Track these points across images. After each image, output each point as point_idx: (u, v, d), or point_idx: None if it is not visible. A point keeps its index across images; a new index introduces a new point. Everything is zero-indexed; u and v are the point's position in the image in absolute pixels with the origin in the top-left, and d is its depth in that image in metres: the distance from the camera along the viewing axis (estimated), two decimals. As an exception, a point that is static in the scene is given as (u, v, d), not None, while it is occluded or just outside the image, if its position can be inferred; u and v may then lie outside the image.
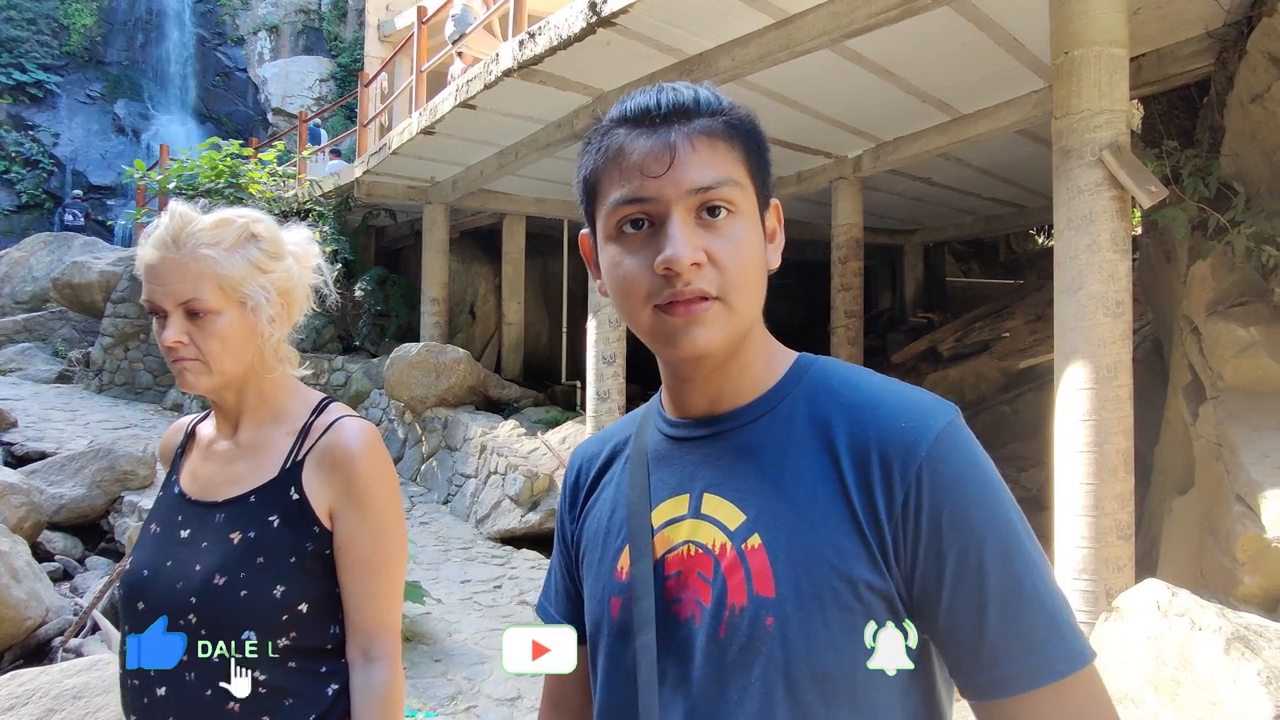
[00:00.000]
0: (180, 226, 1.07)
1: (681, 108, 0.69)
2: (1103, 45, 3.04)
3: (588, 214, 0.75)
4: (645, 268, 0.67)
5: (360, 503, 1.07)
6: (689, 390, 0.74)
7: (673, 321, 0.67)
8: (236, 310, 1.09)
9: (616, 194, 0.69)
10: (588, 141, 0.74)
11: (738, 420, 0.72)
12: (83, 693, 3.09)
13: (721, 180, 0.67)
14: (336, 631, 1.09)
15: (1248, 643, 1.97)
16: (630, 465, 0.78)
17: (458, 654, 3.81)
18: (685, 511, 0.72)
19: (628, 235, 0.69)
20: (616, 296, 0.71)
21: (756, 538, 0.66)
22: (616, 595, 0.74)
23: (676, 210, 0.66)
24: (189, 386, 1.08)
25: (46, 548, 5.13)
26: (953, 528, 0.63)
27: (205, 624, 1.03)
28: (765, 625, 0.64)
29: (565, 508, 0.87)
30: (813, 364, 0.75)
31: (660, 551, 0.72)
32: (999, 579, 0.62)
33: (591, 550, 0.79)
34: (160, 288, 1.06)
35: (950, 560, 0.63)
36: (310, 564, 1.07)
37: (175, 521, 1.12)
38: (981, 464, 0.65)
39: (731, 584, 0.66)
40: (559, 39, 4.57)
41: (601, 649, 0.75)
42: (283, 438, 1.13)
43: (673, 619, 0.69)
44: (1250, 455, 2.96)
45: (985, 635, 0.62)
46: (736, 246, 0.67)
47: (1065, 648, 0.62)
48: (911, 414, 0.66)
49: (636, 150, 0.68)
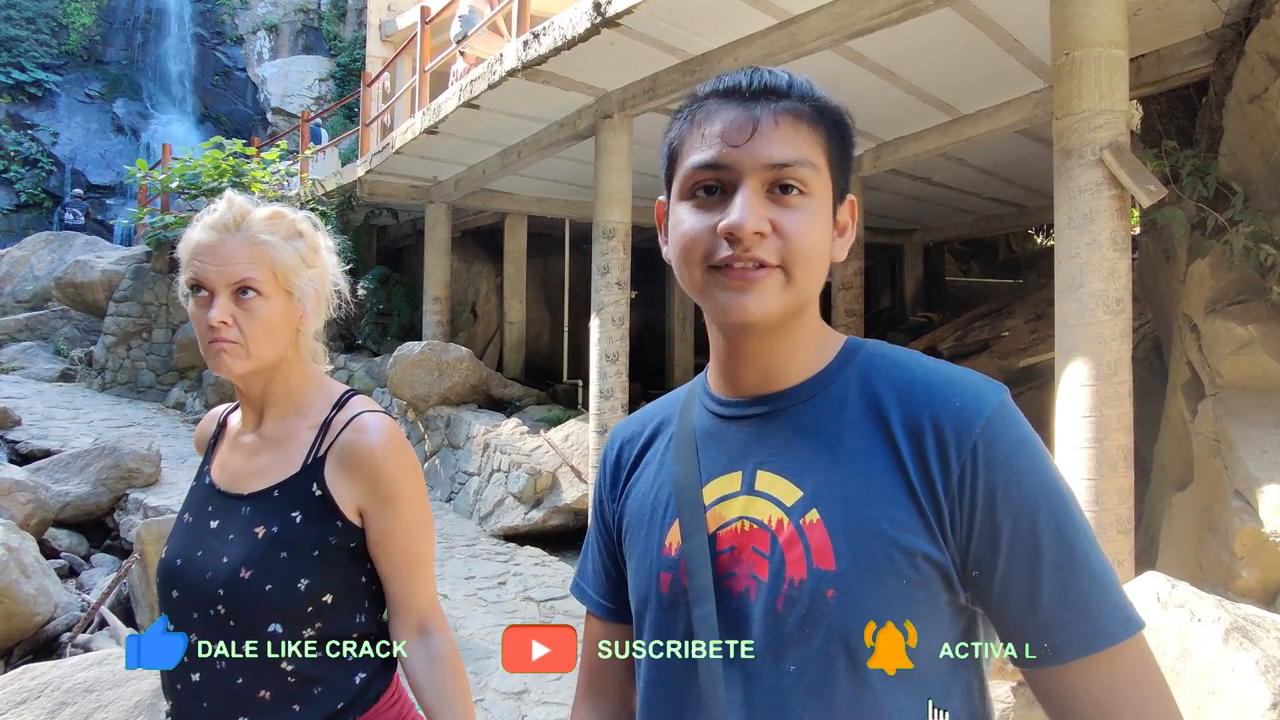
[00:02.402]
0: (242, 213, 1.11)
1: (773, 87, 0.71)
2: (1103, 47, 3.07)
3: (667, 180, 0.77)
4: (708, 228, 0.69)
5: (389, 499, 1.10)
6: (740, 365, 0.75)
7: (727, 283, 0.69)
8: (283, 299, 1.12)
9: (695, 158, 0.71)
10: (679, 111, 0.76)
11: (790, 399, 0.74)
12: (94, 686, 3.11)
13: (798, 159, 0.69)
14: (363, 620, 1.12)
15: (1246, 633, 2.01)
16: (676, 443, 0.80)
17: (463, 649, 3.83)
18: (738, 489, 0.73)
19: (699, 199, 0.71)
20: (675, 253, 0.73)
21: (815, 513, 0.68)
22: (665, 570, 0.75)
23: (749, 180, 0.68)
24: (224, 369, 1.10)
25: (53, 545, 5.15)
26: (1007, 500, 0.65)
27: (233, 615, 1.05)
28: (826, 598, 0.66)
29: (605, 487, 0.88)
30: (862, 346, 0.77)
31: (712, 527, 0.73)
32: (1052, 547, 0.64)
33: (636, 528, 0.80)
34: (216, 267, 1.08)
35: (1005, 531, 0.65)
36: (334, 556, 1.09)
37: (206, 512, 1.15)
38: (1031, 440, 0.68)
39: (790, 558, 0.68)
40: (563, 39, 4.59)
41: (649, 623, 0.76)
42: (305, 431, 1.15)
43: (725, 593, 0.71)
44: (1248, 451, 3.00)
45: (1040, 602, 0.64)
46: (802, 223, 0.69)
47: (1119, 614, 0.64)
48: (965, 393, 0.69)
49: (721, 119, 0.71)
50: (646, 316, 10.74)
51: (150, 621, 2.90)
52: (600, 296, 5.58)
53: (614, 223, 5.55)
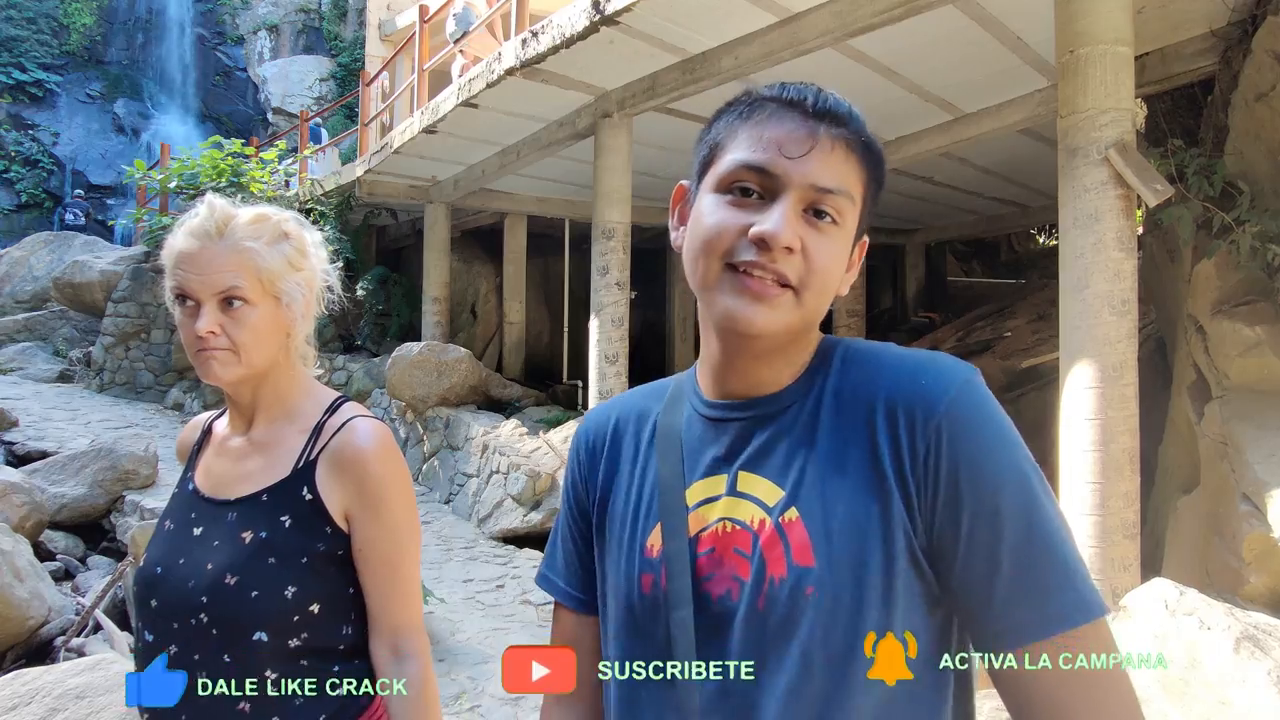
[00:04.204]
0: (224, 218, 1.08)
1: (835, 112, 0.71)
2: (1108, 44, 3.04)
3: (701, 168, 0.75)
4: (738, 228, 0.68)
5: (375, 504, 1.07)
6: (732, 372, 0.75)
7: (743, 289, 0.68)
8: (271, 304, 1.10)
9: (744, 155, 0.70)
10: (730, 103, 0.75)
11: (775, 404, 0.74)
12: (86, 692, 3.08)
13: (842, 189, 0.69)
14: (349, 632, 1.09)
15: (1257, 642, 1.97)
16: (659, 441, 0.79)
17: (461, 653, 3.80)
18: (722, 491, 0.73)
19: (735, 196, 0.70)
20: (694, 243, 0.72)
21: (794, 511, 0.68)
22: (648, 572, 0.74)
23: (792, 195, 0.68)
24: (214, 377, 1.08)
25: (48, 547, 5.12)
26: (969, 479, 0.64)
27: (216, 624, 1.02)
28: (805, 594, 0.65)
29: (580, 474, 0.86)
30: (838, 344, 0.77)
31: (694, 530, 0.73)
32: (1013, 528, 0.63)
33: (620, 527, 0.79)
34: (199, 276, 1.06)
35: (966, 511, 0.64)
36: (322, 564, 1.06)
37: (189, 519, 1.12)
38: (998, 419, 0.67)
39: (770, 557, 0.68)
40: (562, 38, 4.56)
41: (625, 625, 0.75)
42: (295, 436, 1.13)
43: (705, 596, 0.70)
44: (1256, 454, 2.95)
45: (998, 582, 0.63)
46: (828, 251, 0.69)
47: (1078, 598, 0.62)
48: (930, 373, 0.68)
49: (782, 127, 0.70)
50: (646, 317, 10.71)
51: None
52: (599, 297, 5.54)
53: (613, 223, 5.51)
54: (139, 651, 1.11)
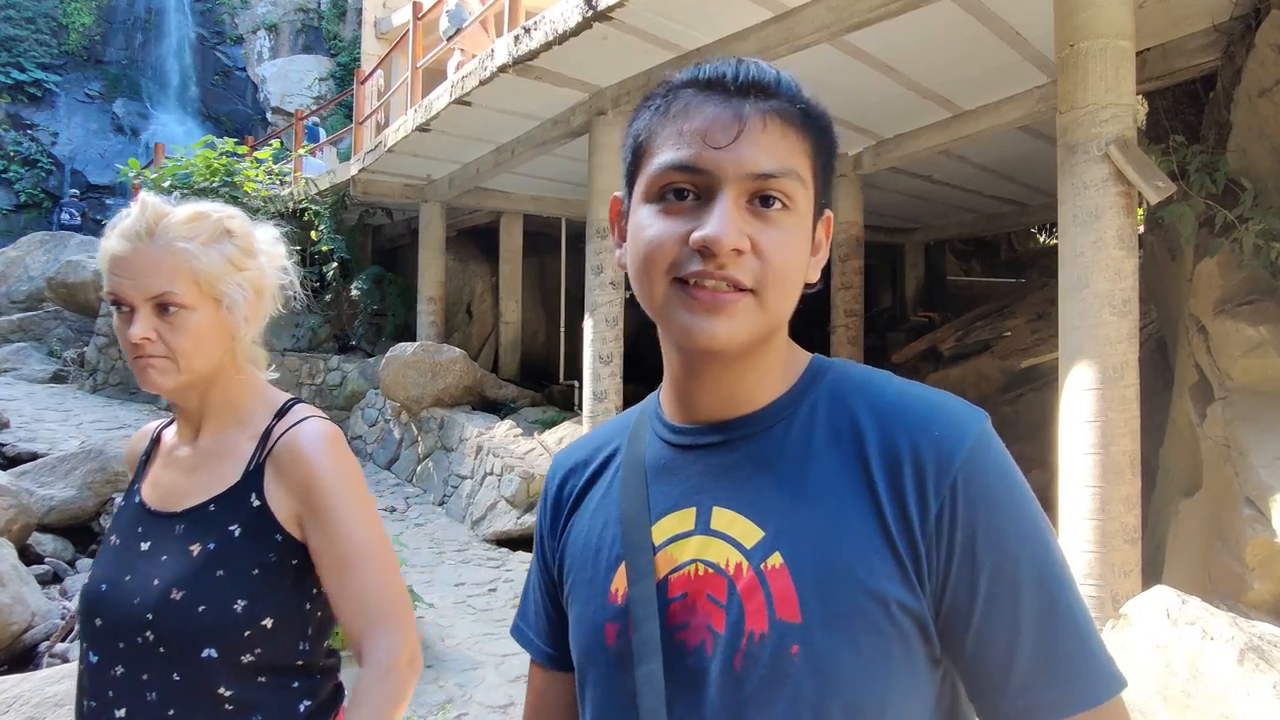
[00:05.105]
0: (155, 218, 1.02)
1: (761, 83, 0.62)
2: (1109, 38, 2.97)
3: (629, 175, 0.67)
4: (678, 237, 0.61)
5: (323, 508, 1.02)
6: (698, 391, 0.67)
7: (694, 304, 0.60)
8: (211, 307, 1.04)
9: (668, 156, 0.62)
10: (648, 98, 0.67)
11: (751, 426, 0.66)
12: (65, 700, 3.02)
13: (785, 170, 0.61)
14: (306, 648, 1.05)
15: (1262, 654, 1.90)
16: (623, 475, 0.71)
17: (450, 659, 3.74)
18: (692, 527, 0.65)
19: (668, 202, 0.62)
20: (636, 262, 0.64)
21: (778, 556, 0.60)
22: (611, 621, 0.66)
23: (729, 190, 0.60)
24: (152, 386, 1.03)
25: (36, 550, 5.07)
26: (987, 543, 0.58)
27: (163, 642, 0.97)
28: (790, 654, 0.58)
29: (546, 523, 0.79)
30: (830, 366, 0.69)
31: (663, 571, 0.65)
32: (1033, 596, 0.58)
33: (579, 571, 0.72)
34: (130, 281, 1.00)
35: (984, 576, 0.58)
36: (275, 575, 1.01)
37: (136, 533, 1.07)
38: (1014, 475, 0.61)
39: (750, 608, 0.60)
40: (554, 34, 4.50)
41: (592, 681, 0.67)
42: (245, 442, 1.07)
43: (678, 647, 0.62)
44: (1260, 457, 2.89)
45: (1018, 657, 0.58)
46: (784, 242, 0.61)
47: (1101, 673, 0.58)
48: (945, 421, 0.61)
49: (702, 115, 0.61)
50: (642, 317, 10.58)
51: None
52: (594, 297, 5.48)
53: (607, 221, 5.44)
54: (83, 673, 1.05)
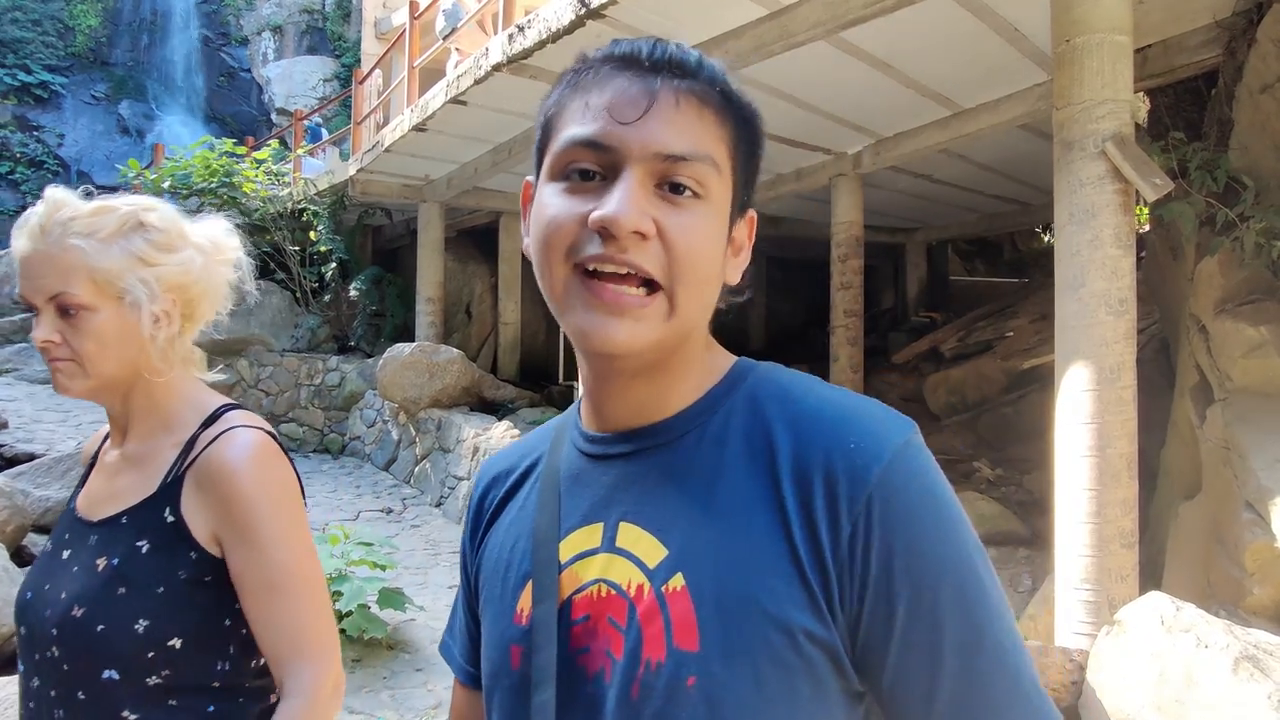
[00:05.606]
0: (49, 214, 0.97)
1: (679, 62, 0.58)
2: (1106, 32, 2.92)
3: (538, 154, 0.62)
4: (577, 218, 0.56)
5: (244, 525, 0.95)
6: (607, 397, 0.63)
7: (593, 301, 0.55)
8: (114, 307, 0.98)
9: (572, 131, 0.57)
10: (562, 75, 0.63)
11: (663, 435, 0.61)
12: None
13: (697, 154, 0.56)
14: (225, 668, 0.98)
15: (1257, 662, 1.85)
16: (540, 486, 0.67)
17: (439, 663, 3.70)
18: (599, 544, 0.60)
19: (572, 182, 0.58)
20: (535, 244, 0.59)
21: (680, 578, 0.56)
22: (516, 642, 0.62)
23: (634, 169, 0.55)
24: (63, 389, 0.99)
25: (31, 551, 5.05)
26: (905, 570, 0.53)
27: (66, 659, 0.92)
28: (686, 686, 0.53)
29: (467, 534, 0.75)
30: (751, 370, 0.64)
31: (567, 591, 0.60)
32: (957, 631, 0.53)
33: (490, 587, 0.68)
34: (28, 281, 0.97)
35: (902, 606, 0.53)
36: (185, 594, 0.95)
37: (63, 540, 1.03)
38: (939, 492, 0.55)
39: (648, 634, 0.55)
40: (548, 32, 4.46)
41: (497, 704, 0.63)
42: (169, 450, 1.02)
43: (579, 673, 0.58)
44: (1260, 460, 2.83)
45: (938, 698, 0.53)
46: (693, 231, 0.56)
47: (1029, 711, 0.53)
48: (861, 431, 0.56)
49: (610, 89, 0.57)
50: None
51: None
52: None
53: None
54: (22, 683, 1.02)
